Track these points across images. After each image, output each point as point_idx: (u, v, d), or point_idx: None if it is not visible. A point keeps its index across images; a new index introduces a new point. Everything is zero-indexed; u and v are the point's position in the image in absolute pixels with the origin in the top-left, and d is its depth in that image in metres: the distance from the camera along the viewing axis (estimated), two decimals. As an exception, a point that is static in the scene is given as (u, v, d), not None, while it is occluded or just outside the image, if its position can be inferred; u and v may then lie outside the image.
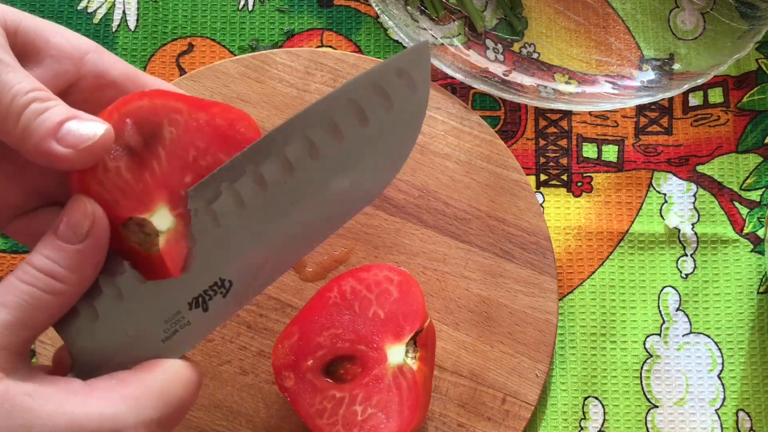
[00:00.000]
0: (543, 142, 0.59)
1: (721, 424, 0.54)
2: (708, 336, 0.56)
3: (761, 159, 0.58)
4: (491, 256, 0.55)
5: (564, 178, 0.58)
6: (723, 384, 0.55)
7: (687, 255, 0.57)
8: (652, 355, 0.55)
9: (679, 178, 0.58)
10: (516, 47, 0.60)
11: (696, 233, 0.57)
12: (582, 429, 0.54)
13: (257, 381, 0.53)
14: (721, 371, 0.55)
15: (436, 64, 0.57)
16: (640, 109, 0.59)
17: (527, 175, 0.57)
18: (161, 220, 0.38)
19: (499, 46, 0.60)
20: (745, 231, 0.57)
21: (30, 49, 0.38)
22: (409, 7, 0.60)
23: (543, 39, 0.60)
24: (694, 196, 0.58)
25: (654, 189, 0.58)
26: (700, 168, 0.58)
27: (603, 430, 0.55)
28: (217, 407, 0.53)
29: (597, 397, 0.55)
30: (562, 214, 0.57)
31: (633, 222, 0.57)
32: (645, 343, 0.56)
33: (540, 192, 0.58)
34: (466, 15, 0.60)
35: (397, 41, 0.60)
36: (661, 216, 0.57)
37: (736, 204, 0.57)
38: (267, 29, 0.61)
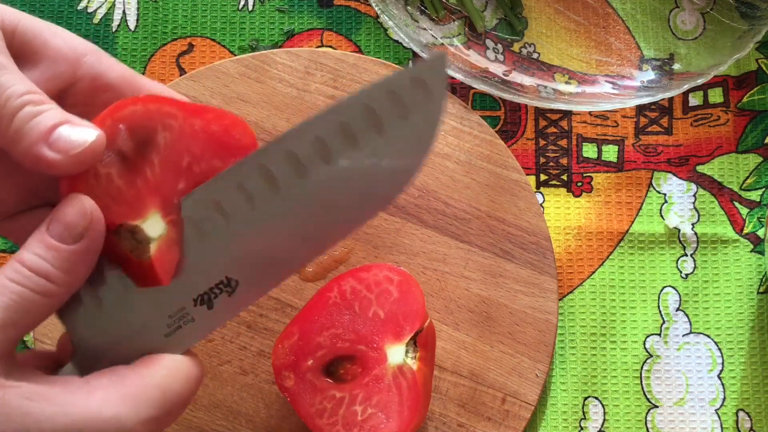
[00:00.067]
0: (543, 142, 0.59)
1: (721, 424, 0.54)
2: (708, 336, 0.56)
3: (761, 159, 0.58)
4: (491, 256, 0.55)
5: (564, 178, 0.58)
6: (723, 384, 0.55)
7: (687, 255, 0.57)
8: (652, 355, 0.55)
9: (679, 178, 0.58)
10: (516, 47, 0.60)
11: (696, 233, 0.57)
12: (582, 429, 0.54)
13: (257, 381, 0.53)
14: (721, 371, 0.55)
15: (436, 64, 0.57)
16: (640, 109, 0.59)
17: (527, 175, 0.57)
18: (153, 226, 0.37)
19: (499, 46, 0.60)
20: (745, 231, 0.57)
21: (27, 50, 0.38)
22: (409, 7, 0.60)
23: (543, 39, 0.60)
24: (694, 196, 0.58)
25: (654, 189, 0.58)
26: (700, 168, 0.58)
27: (603, 430, 0.55)
28: (217, 407, 0.53)
29: (597, 397, 0.55)
30: (562, 214, 0.57)
31: (633, 222, 0.57)
32: (645, 343, 0.55)
33: (540, 192, 0.58)
34: (466, 15, 0.60)
35: (397, 41, 0.60)
36: (661, 216, 0.57)
37: (736, 204, 0.57)
38: (267, 29, 0.61)
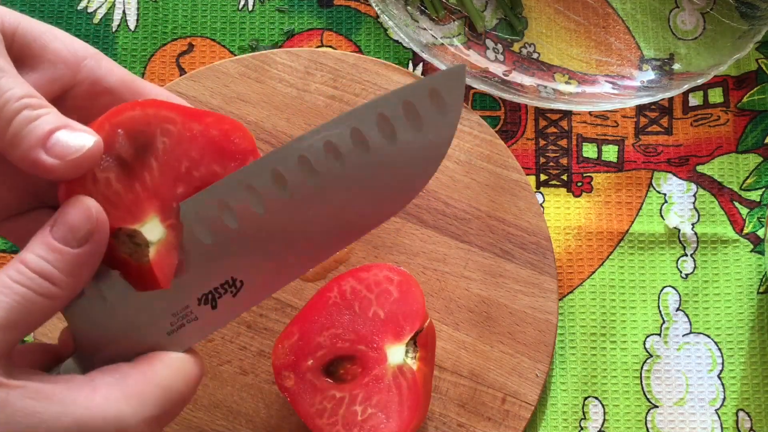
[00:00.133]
0: (543, 142, 0.59)
1: (721, 424, 0.54)
2: (708, 336, 0.56)
3: (761, 159, 0.58)
4: (491, 256, 0.55)
5: (564, 178, 0.58)
6: (723, 384, 0.55)
7: (687, 255, 0.57)
8: (652, 355, 0.55)
9: (679, 178, 0.58)
10: (516, 47, 0.60)
11: (696, 233, 0.57)
12: (582, 429, 0.54)
13: (257, 381, 0.53)
14: (721, 371, 0.55)
15: (436, 64, 0.57)
16: (640, 109, 0.59)
17: (527, 175, 0.57)
18: (152, 230, 0.37)
19: (499, 46, 0.60)
20: (745, 231, 0.57)
21: (27, 52, 0.38)
22: (409, 7, 0.60)
23: (543, 39, 0.60)
24: (694, 196, 0.58)
25: (654, 189, 0.58)
26: (700, 168, 0.58)
27: (603, 430, 0.55)
28: (217, 407, 0.53)
29: (597, 397, 0.55)
30: (562, 214, 0.57)
31: (633, 222, 0.57)
32: (645, 343, 0.55)
33: (540, 192, 0.58)
34: (466, 15, 0.60)
35: (397, 41, 0.60)
36: (661, 216, 0.57)
37: (736, 204, 0.57)
38: (267, 29, 0.61)
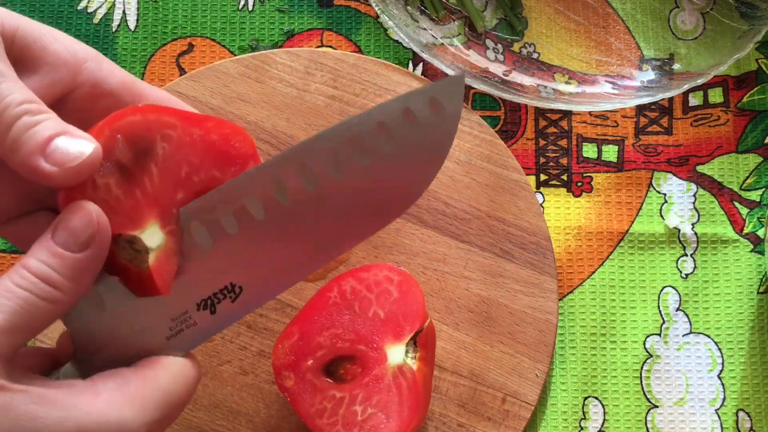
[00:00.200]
0: (543, 142, 0.59)
1: (721, 424, 0.54)
2: (708, 336, 0.56)
3: (761, 159, 0.58)
4: (491, 256, 0.55)
5: (564, 178, 0.58)
6: (723, 384, 0.55)
7: (687, 255, 0.57)
8: (652, 355, 0.55)
9: (679, 178, 0.58)
10: (516, 47, 0.60)
11: (696, 233, 0.57)
12: (582, 429, 0.54)
13: (257, 381, 0.53)
14: (721, 371, 0.55)
15: (436, 64, 0.57)
16: (640, 109, 0.59)
17: (527, 175, 0.57)
18: (152, 237, 0.37)
19: (499, 46, 0.60)
20: (745, 231, 0.57)
21: (27, 55, 0.37)
22: (409, 7, 0.60)
23: (543, 39, 0.60)
24: (694, 196, 0.58)
25: (654, 189, 0.58)
26: (700, 168, 0.58)
27: (603, 430, 0.55)
28: (217, 407, 0.53)
29: (597, 397, 0.55)
30: (562, 214, 0.57)
31: (633, 222, 0.57)
32: (645, 343, 0.55)
33: (540, 192, 0.58)
34: (466, 15, 0.60)
35: (397, 41, 0.60)
36: (661, 216, 0.57)
37: (736, 204, 0.57)
38: (267, 29, 0.61)
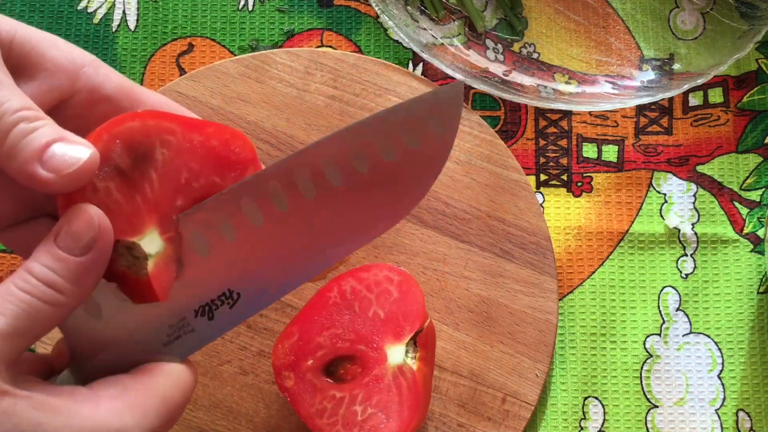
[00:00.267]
0: (543, 142, 0.59)
1: (721, 424, 0.54)
2: (708, 336, 0.56)
3: (761, 159, 0.58)
4: (491, 256, 0.55)
5: (564, 178, 0.58)
6: (723, 384, 0.55)
7: (687, 255, 0.57)
8: (652, 355, 0.55)
9: (679, 178, 0.58)
10: (516, 47, 0.60)
11: (696, 233, 0.57)
12: (582, 429, 0.54)
13: (257, 381, 0.53)
14: (721, 371, 0.55)
15: (436, 64, 0.57)
16: (640, 109, 0.59)
17: (527, 175, 0.57)
18: (151, 243, 0.37)
19: (499, 46, 0.60)
20: (745, 231, 0.57)
21: (24, 61, 0.37)
22: (409, 7, 0.60)
23: (543, 39, 0.60)
24: (694, 196, 0.58)
25: (654, 189, 0.58)
26: (700, 168, 0.58)
27: (603, 430, 0.55)
28: (217, 407, 0.53)
29: (597, 397, 0.55)
30: (562, 214, 0.57)
31: (633, 222, 0.57)
32: (645, 343, 0.55)
33: (540, 192, 0.58)
34: (466, 15, 0.60)
35: (397, 41, 0.60)
36: (661, 216, 0.57)
37: (736, 204, 0.57)
38: (267, 29, 0.61)
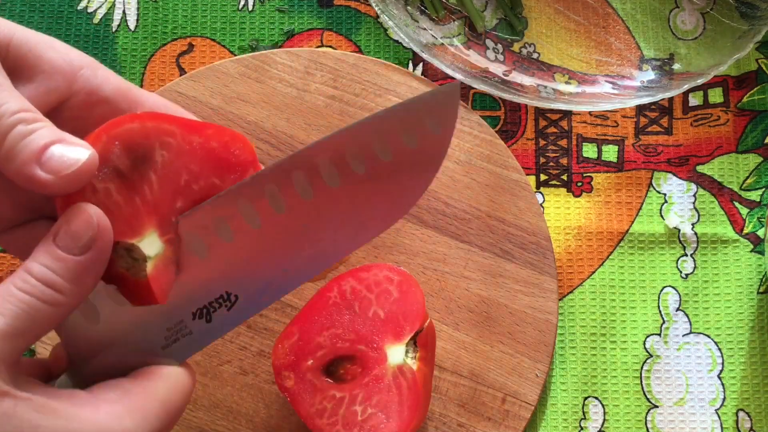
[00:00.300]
0: (543, 142, 0.59)
1: (721, 424, 0.54)
2: (708, 336, 0.56)
3: (761, 159, 0.58)
4: (491, 256, 0.55)
5: (564, 178, 0.58)
6: (723, 384, 0.55)
7: (687, 255, 0.57)
8: (652, 355, 0.55)
9: (679, 178, 0.58)
10: (516, 47, 0.60)
11: (696, 233, 0.57)
12: (582, 429, 0.54)
13: (257, 381, 0.53)
14: (721, 371, 0.55)
15: (436, 64, 0.57)
16: (640, 109, 0.59)
17: (527, 175, 0.57)
18: (150, 245, 0.37)
19: (499, 46, 0.60)
20: (745, 231, 0.57)
21: (22, 64, 0.37)
22: (409, 7, 0.60)
23: (543, 39, 0.60)
24: (694, 196, 0.58)
25: (654, 189, 0.58)
26: (700, 168, 0.58)
27: (603, 430, 0.55)
28: (217, 407, 0.53)
29: (597, 397, 0.55)
30: (562, 214, 0.57)
31: (633, 222, 0.57)
32: (645, 343, 0.55)
33: (540, 192, 0.58)
34: (466, 15, 0.60)
35: (397, 41, 0.60)
36: (661, 216, 0.57)
37: (736, 204, 0.57)
38: (267, 29, 0.61)
